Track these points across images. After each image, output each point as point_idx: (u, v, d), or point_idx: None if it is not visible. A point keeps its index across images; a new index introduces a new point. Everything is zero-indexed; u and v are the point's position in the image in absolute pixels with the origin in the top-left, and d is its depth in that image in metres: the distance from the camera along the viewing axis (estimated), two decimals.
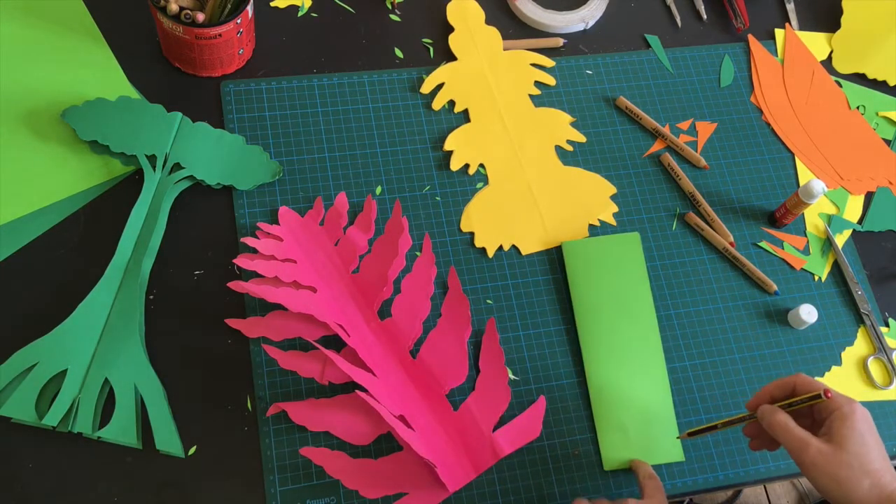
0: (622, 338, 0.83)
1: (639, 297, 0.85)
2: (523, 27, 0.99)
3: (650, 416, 0.80)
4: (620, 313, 0.84)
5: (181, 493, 0.72)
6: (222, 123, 0.87)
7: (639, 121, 0.95)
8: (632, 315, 0.84)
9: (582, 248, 0.86)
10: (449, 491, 0.74)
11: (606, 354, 0.82)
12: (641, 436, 0.79)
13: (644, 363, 0.82)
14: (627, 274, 0.85)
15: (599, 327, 0.83)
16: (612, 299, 0.84)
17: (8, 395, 0.72)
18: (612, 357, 0.82)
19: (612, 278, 0.85)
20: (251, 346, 0.78)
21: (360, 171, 0.88)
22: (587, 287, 0.84)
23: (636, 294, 0.85)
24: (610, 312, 0.83)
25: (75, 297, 0.76)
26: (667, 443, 0.80)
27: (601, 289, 0.84)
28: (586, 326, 0.83)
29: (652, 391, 0.81)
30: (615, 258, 0.86)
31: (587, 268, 0.85)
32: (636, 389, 0.81)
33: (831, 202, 0.95)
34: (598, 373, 0.81)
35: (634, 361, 0.82)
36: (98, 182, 0.82)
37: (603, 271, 0.85)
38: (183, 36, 0.83)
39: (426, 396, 0.77)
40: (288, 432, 0.75)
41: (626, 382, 0.81)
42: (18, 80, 0.85)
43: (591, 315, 0.83)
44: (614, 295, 0.84)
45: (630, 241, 0.87)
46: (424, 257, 0.84)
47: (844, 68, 1.04)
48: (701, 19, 1.04)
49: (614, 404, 0.80)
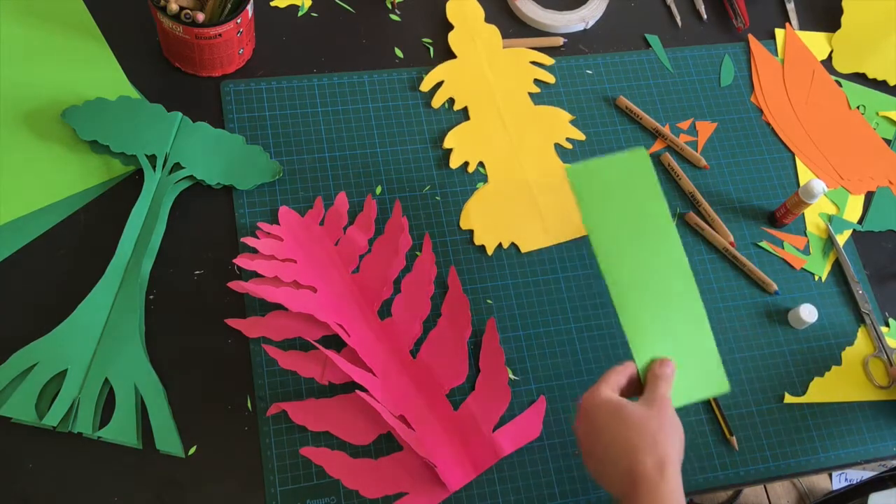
0: (647, 260, 0.75)
1: (657, 217, 0.76)
2: (523, 27, 0.99)
3: (689, 345, 0.74)
4: (640, 234, 0.76)
5: (181, 493, 0.72)
6: (222, 123, 0.87)
7: (639, 120, 0.95)
8: (653, 235, 0.76)
9: (588, 170, 0.77)
10: (449, 491, 0.74)
11: (631, 280, 0.74)
12: (681, 366, 0.72)
13: (674, 287, 0.75)
14: (641, 192, 0.77)
15: (621, 252, 0.75)
16: (630, 221, 0.76)
17: (8, 395, 0.72)
18: (638, 283, 0.74)
19: (626, 198, 0.76)
20: (251, 346, 0.78)
21: (360, 171, 0.88)
22: (602, 212, 0.76)
23: (654, 213, 0.76)
24: (630, 235, 0.76)
25: (75, 297, 0.76)
26: (709, 374, 0.74)
27: (616, 211, 0.76)
28: (607, 254, 0.75)
29: (687, 317, 0.74)
30: (625, 177, 0.77)
31: (598, 191, 0.76)
32: (670, 315, 0.74)
33: (831, 202, 0.95)
34: (626, 301, 0.74)
35: (663, 285, 0.75)
36: (98, 182, 0.82)
37: (615, 192, 0.76)
38: (183, 36, 0.83)
39: (426, 396, 0.77)
40: (288, 432, 0.75)
41: (658, 308, 0.74)
42: (18, 80, 0.85)
43: (610, 241, 0.75)
44: (631, 216, 0.76)
45: (638, 158, 0.77)
46: (424, 257, 0.84)
47: (844, 68, 1.04)
48: (701, 19, 1.04)
49: (648, 332, 0.73)
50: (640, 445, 0.64)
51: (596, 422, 0.67)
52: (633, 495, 0.63)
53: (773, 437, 0.82)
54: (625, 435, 0.65)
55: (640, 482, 0.62)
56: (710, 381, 0.74)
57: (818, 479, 1.60)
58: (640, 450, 0.64)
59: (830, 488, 1.59)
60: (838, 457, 0.82)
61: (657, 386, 0.69)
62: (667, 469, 0.63)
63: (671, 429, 0.66)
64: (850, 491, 1.29)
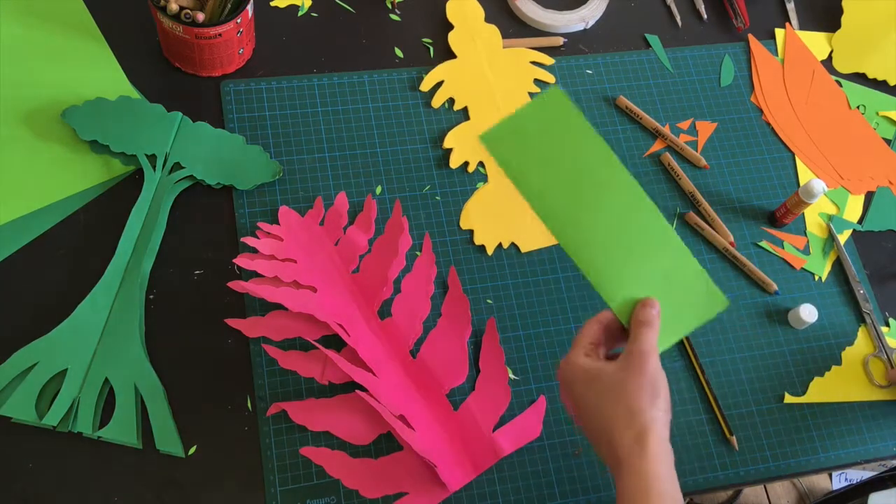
0: (596, 202, 0.68)
1: (595, 153, 0.69)
2: (523, 27, 0.99)
3: (668, 274, 0.67)
4: (582, 178, 0.69)
5: (181, 493, 0.72)
6: (222, 123, 0.87)
7: (639, 120, 0.95)
8: (596, 175, 0.69)
9: (502, 131, 0.69)
10: (449, 491, 0.74)
11: (587, 229, 0.68)
12: (666, 299, 0.67)
13: (634, 220, 0.68)
14: (570, 135, 0.69)
15: (567, 204, 0.68)
16: (567, 168, 0.69)
17: (8, 395, 0.72)
18: (594, 229, 0.68)
19: (555, 146, 0.69)
20: (251, 346, 0.78)
21: (360, 170, 0.88)
22: (532, 171, 0.68)
23: (590, 151, 0.69)
24: (571, 183, 0.69)
25: (75, 297, 0.76)
26: (700, 297, 0.67)
27: (549, 164, 0.69)
28: (552, 211, 0.68)
29: (658, 247, 0.68)
30: (546, 125, 0.69)
31: (520, 150, 0.69)
32: (639, 250, 0.68)
33: (831, 202, 0.95)
34: (587, 252, 0.67)
35: (621, 222, 0.68)
36: (98, 182, 0.82)
37: (540, 145, 0.69)
38: (183, 36, 0.83)
39: (426, 396, 0.77)
40: (288, 432, 0.75)
41: (623, 249, 0.68)
42: (18, 80, 0.85)
43: (552, 197, 0.68)
44: (567, 163, 0.69)
45: (554, 99, 0.70)
46: (424, 257, 0.84)
47: (844, 68, 1.04)
48: (701, 19, 1.04)
49: (619, 275, 0.67)
50: (616, 419, 0.60)
51: (574, 393, 0.63)
52: (616, 476, 0.59)
53: (773, 437, 0.82)
54: (601, 407, 0.61)
55: (620, 463, 0.59)
56: (703, 303, 0.68)
57: (818, 479, 1.60)
58: (617, 424, 0.59)
59: (830, 488, 1.59)
60: (838, 457, 0.82)
61: (638, 337, 0.62)
62: (647, 441, 0.58)
63: (652, 388, 0.60)
64: (850, 491, 1.29)
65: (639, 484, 0.58)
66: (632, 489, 0.58)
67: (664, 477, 0.58)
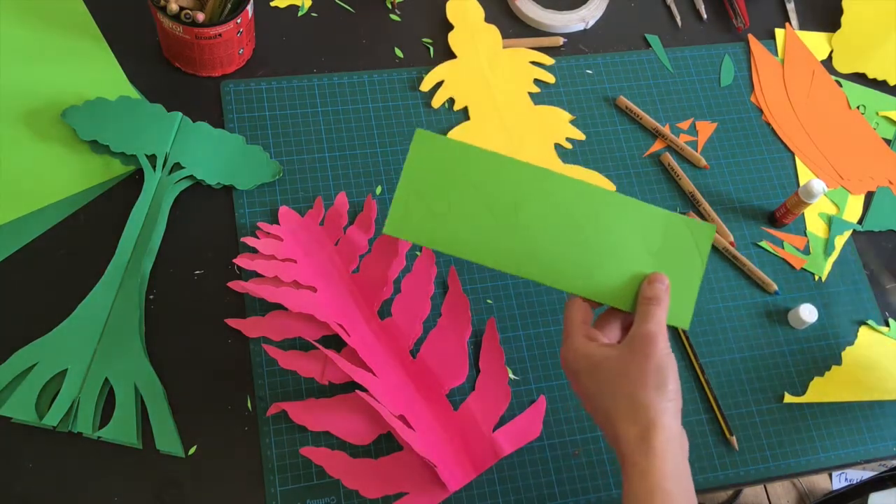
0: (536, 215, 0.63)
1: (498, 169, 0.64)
2: (523, 27, 0.99)
3: (646, 237, 0.63)
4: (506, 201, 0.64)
5: (181, 493, 0.72)
6: (222, 123, 0.87)
7: (639, 120, 0.95)
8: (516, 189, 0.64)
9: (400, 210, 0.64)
10: (449, 491, 0.74)
11: (544, 246, 0.63)
12: (662, 261, 0.63)
13: (579, 207, 0.63)
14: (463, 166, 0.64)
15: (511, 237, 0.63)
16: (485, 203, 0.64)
17: (8, 395, 0.72)
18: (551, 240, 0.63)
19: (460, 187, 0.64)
20: (251, 346, 0.78)
21: (360, 171, 0.88)
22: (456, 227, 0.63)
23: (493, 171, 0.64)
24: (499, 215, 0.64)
25: (75, 297, 0.76)
26: (686, 238, 0.64)
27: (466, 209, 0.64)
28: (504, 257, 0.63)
29: (620, 218, 0.63)
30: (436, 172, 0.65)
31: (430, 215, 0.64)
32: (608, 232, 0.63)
33: (831, 202, 0.95)
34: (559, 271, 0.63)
35: (571, 217, 0.64)
36: (98, 182, 0.82)
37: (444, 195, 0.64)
38: (183, 36, 0.83)
39: (426, 396, 0.77)
40: (288, 432, 0.75)
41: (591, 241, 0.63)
42: (18, 80, 0.85)
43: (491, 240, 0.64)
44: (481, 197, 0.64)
45: (423, 141, 0.65)
46: (424, 257, 0.84)
47: (844, 68, 1.04)
48: (701, 19, 1.04)
49: (605, 273, 0.63)
50: (619, 412, 0.56)
51: (579, 382, 0.60)
52: (622, 471, 0.57)
53: (773, 437, 0.82)
54: (603, 398, 0.57)
55: (625, 460, 0.56)
56: (693, 240, 0.65)
57: (818, 479, 1.60)
58: (620, 418, 0.56)
59: (830, 488, 1.59)
60: (838, 457, 0.82)
61: (644, 316, 0.58)
62: (653, 438, 0.55)
63: (658, 375, 0.56)
64: (850, 491, 1.29)
65: (643, 484, 0.55)
66: (636, 489, 0.56)
67: (671, 475, 0.55)
